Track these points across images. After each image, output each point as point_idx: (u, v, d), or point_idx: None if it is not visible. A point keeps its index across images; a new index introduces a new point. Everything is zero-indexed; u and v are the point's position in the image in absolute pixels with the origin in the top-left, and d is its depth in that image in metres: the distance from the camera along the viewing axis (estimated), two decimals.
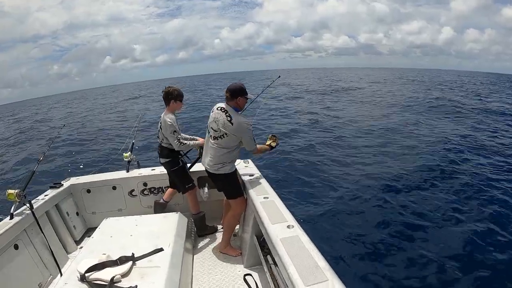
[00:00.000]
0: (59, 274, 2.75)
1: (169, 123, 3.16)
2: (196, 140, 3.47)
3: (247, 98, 2.91)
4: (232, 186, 2.99)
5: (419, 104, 18.52)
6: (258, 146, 2.99)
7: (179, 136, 3.20)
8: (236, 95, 2.82)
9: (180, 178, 3.43)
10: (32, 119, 28.53)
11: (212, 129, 2.89)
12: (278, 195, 2.67)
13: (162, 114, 3.30)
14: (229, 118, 2.77)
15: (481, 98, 22.10)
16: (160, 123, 3.30)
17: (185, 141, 3.25)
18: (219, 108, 2.88)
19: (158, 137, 3.41)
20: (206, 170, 3.04)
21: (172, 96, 3.26)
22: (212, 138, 2.90)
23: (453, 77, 60.25)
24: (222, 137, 2.82)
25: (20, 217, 2.69)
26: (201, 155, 3.43)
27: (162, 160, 3.41)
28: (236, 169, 3.05)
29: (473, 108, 16.59)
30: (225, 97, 2.88)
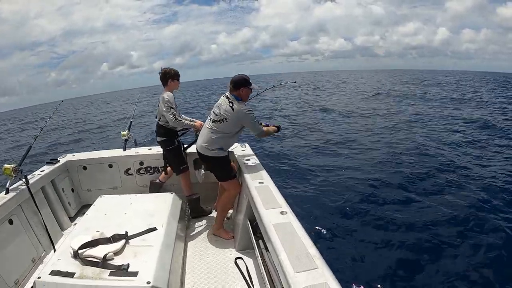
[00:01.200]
0: (53, 250, 2.78)
1: (166, 98, 3.20)
2: (194, 121, 3.47)
3: (251, 89, 2.96)
4: (222, 169, 3.01)
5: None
6: (264, 128, 3.08)
7: (174, 112, 3.21)
8: (239, 86, 2.89)
9: (174, 158, 3.44)
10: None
11: (214, 112, 2.95)
12: (273, 181, 2.68)
13: (161, 94, 3.31)
14: (231, 104, 2.84)
15: None
16: (159, 101, 3.31)
17: (180, 118, 3.27)
18: (224, 95, 2.97)
19: (156, 116, 3.42)
20: (197, 151, 3.07)
21: (169, 75, 3.32)
22: (212, 121, 2.94)
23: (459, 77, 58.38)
24: (221, 121, 2.87)
25: (16, 192, 2.69)
26: (197, 138, 3.44)
27: (158, 139, 3.42)
28: (228, 153, 3.06)
29: None
30: (228, 88, 2.95)
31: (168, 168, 3.60)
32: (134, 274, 1.84)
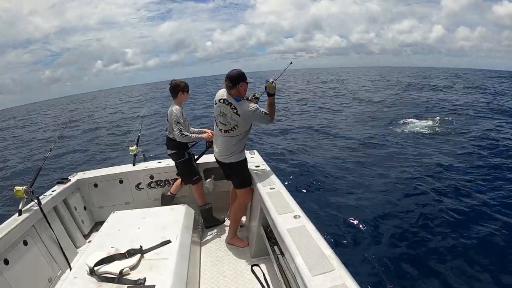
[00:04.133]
0: (69, 269, 2.78)
1: (174, 113, 3.22)
2: (203, 133, 3.48)
3: (247, 83, 2.83)
4: (242, 175, 2.97)
5: None
6: (271, 110, 2.87)
7: (181, 127, 3.22)
8: (238, 81, 2.75)
9: (185, 170, 3.45)
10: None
11: (221, 123, 2.84)
12: (284, 186, 2.66)
13: (170, 107, 3.34)
14: (235, 110, 2.74)
15: None
16: (167, 114, 3.33)
17: (187, 133, 3.27)
18: (221, 101, 2.81)
19: (166, 129, 3.45)
20: (216, 159, 3.04)
21: (179, 88, 3.34)
22: (223, 131, 2.86)
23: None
24: (233, 129, 2.81)
25: (29, 213, 2.71)
26: (207, 148, 3.44)
27: (169, 152, 3.45)
28: (245, 157, 3.02)
29: None
30: (225, 86, 2.81)
31: (179, 180, 3.61)
32: (151, 287, 1.83)
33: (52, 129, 21.04)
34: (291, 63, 3.57)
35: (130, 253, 2.11)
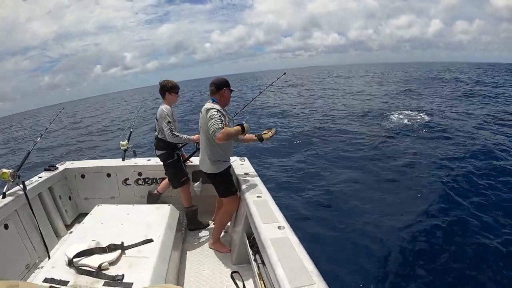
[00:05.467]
0: (47, 257, 2.75)
1: (164, 112, 3.22)
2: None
3: (232, 90, 2.95)
4: (223, 185, 2.95)
5: None
6: (227, 129, 2.64)
7: (172, 127, 3.21)
8: (222, 86, 2.86)
9: (174, 171, 3.43)
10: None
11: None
12: (271, 195, 2.67)
13: (160, 106, 3.33)
14: (202, 109, 2.81)
15: None
16: (157, 114, 3.32)
17: (178, 133, 3.26)
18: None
19: (155, 129, 3.42)
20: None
21: (166, 89, 3.34)
22: (200, 135, 2.96)
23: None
24: (200, 129, 2.88)
25: (12, 197, 2.69)
26: (197, 149, 3.45)
27: (158, 152, 3.42)
28: (229, 166, 3.02)
29: None
30: (210, 91, 2.90)
31: (166, 179, 3.60)
32: (129, 285, 1.82)
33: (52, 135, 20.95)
34: (285, 73, 3.74)
35: (110, 248, 2.10)
